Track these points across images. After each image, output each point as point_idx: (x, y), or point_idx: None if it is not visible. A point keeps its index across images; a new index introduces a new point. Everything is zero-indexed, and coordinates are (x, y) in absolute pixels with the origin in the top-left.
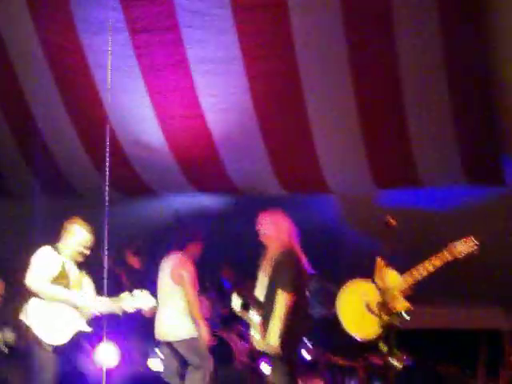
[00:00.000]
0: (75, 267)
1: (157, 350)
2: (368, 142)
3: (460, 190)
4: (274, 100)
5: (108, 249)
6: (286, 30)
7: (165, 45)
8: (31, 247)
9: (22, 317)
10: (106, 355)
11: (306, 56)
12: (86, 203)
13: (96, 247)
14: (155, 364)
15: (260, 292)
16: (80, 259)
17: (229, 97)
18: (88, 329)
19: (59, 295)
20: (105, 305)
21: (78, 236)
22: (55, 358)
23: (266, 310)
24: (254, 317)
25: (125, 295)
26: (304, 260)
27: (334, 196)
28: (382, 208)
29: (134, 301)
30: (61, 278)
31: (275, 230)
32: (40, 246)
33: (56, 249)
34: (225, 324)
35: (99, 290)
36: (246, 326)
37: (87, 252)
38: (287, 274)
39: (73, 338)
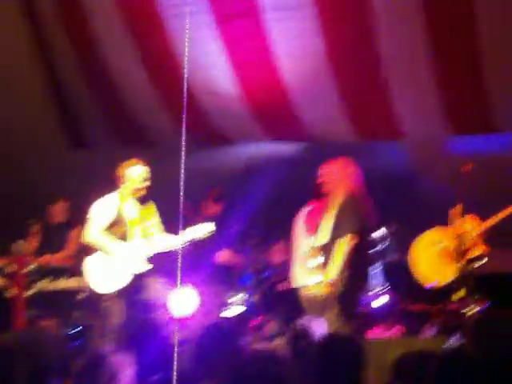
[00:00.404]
0: (137, 206)
1: None
2: (442, 88)
3: None
4: (348, 47)
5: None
6: None
7: None
8: None
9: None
10: (180, 303)
11: (381, 3)
12: (163, 152)
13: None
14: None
15: (322, 237)
16: (143, 193)
17: (302, 43)
18: (146, 267)
19: (106, 248)
20: (157, 245)
21: (132, 175)
22: (116, 306)
23: (327, 254)
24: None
25: (187, 229)
26: (369, 207)
27: (409, 143)
28: (458, 154)
29: (192, 231)
30: (117, 225)
31: (338, 178)
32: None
33: (113, 196)
34: None
35: None
36: None
37: (147, 183)
38: (350, 218)
39: (133, 282)
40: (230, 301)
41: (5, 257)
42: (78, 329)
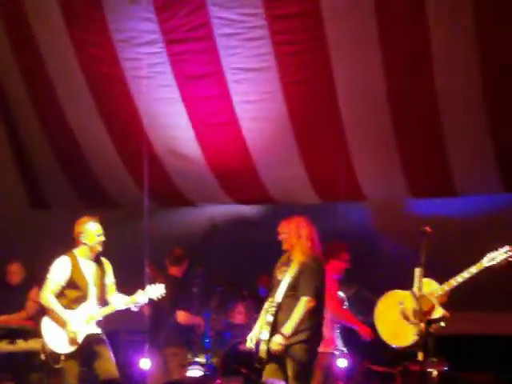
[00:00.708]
0: (94, 265)
1: None
2: (403, 151)
3: (496, 199)
4: (309, 108)
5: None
6: (320, 37)
7: (199, 53)
8: None
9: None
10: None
11: (340, 63)
12: (125, 214)
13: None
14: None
15: (279, 294)
16: (99, 249)
17: (263, 105)
18: (96, 331)
19: (56, 312)
20: (111, 306)
21: (88, 230)
22: (73, 365)
23: (279, 311)
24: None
25: (138, 291)
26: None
27: (370, 204)
28: (418, 216)
29: (146, 293)
30: (74, 283)
31: (297, 235)
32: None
33: (70, 256)
34: None
35: None
36: None
37: (102, 239)
38: (312, 279)
39: (86, 342)
40: (190, 362)
41: None
42: None
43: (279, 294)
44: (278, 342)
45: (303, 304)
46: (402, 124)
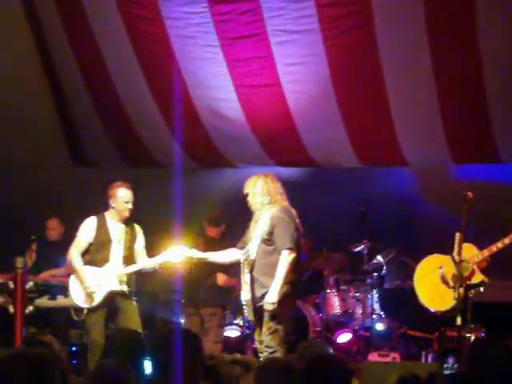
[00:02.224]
0: (123, 227)
1: None
2: (446, 116)
3: None
4: (352, 71)
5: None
6: (364, 0)
7: (243, 14)
8: None
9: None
10: None
11: (384, 27)
12: (166, 173)
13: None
14: None
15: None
16: (126, 215)
17: (306, 67)
18: (118, 288)
19: (76, 268)
20: (132, 266)
21: (118, 196)
22: (96, 320)
23: (256, 267)
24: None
25: (161, 253)
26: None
27: (411, 169)
28: (460, 182)
29: (168, 254)
30: (100, 242)
31: (264, 193)
32: None
33: (98, 217)
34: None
35: None
36: (322, 297)
37: (130, 206)
38: (287, 230)
39: (109, 299)
40: (228, 322)
41: (4, 273)
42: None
43: (253, 250)
44: (270, 302)
45: (285, 258)
46: (445, 90)
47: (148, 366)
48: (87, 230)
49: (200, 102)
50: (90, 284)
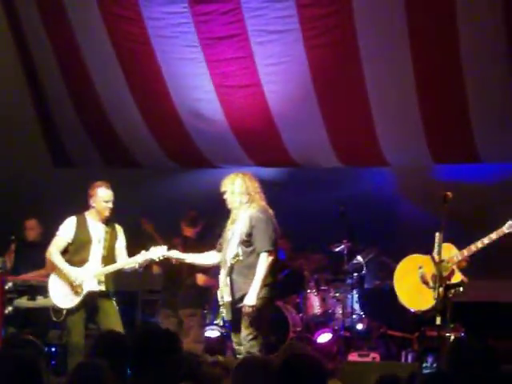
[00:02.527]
0: (103, 227)
1: None
2: (426, 117)
3: None
4: (333, 72)
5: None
6: (344, 1)
7: (223, 15)
8: None
9: None
10: None
11: (364, 26)
12: (145, 174)
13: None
14: None
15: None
16: (106, 214)
17: (287, 67)
18: (97, 288)
19: (59, 265)
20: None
21: (98, 195)
22: (76, 321)
23: (235, 268)
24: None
25: (141, 252)
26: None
27: (391, 169)
28: (440, 182)
29: (148, 254)
30: (79, 242)
31: (242, 192)
32: None
33: (78, 216)
34: (280, 294)
35: None
36: (302, 297)
37: (110, 205)
38: (266, 231)
39: (88, 299)
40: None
41: None
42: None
43: (230, 252)
44: (249, 304)
45: (264, 260)
46: (425, 90)
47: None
48: (67, 230)
49: (180, 102)
50: (77, 275)
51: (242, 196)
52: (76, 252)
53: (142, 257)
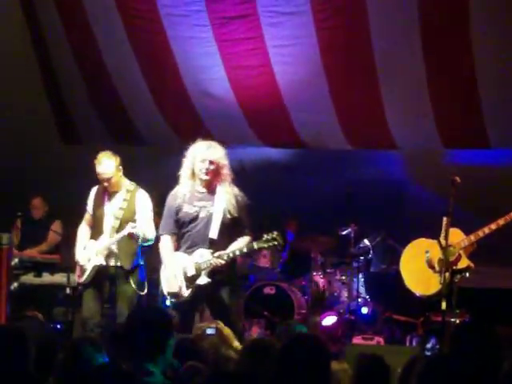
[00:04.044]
0: (120, 199)
1: None
2: (435, 101)
3: None
4: (343, 54)
5: None
6: None
7: None
8: None
9: None
10: None
11: (376, 9)
12: (153, 152)
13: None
14: None
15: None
16: (105, 185)
17: (297, 48)
18: (102, 262)
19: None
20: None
21: (96, 170)
22: (87, 297)
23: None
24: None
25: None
26: None
27: (400, 152)
28: (448, 166)
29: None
30: (95, 213)
31: (223, 166)
32: None
33: (99, 187)
34: (286, 276)
35: None
36: (308, 279)
37: (104, 183)
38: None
39: (94, 275)
40: None
41: None
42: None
43: (214, 230)
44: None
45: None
46: (435, 74)
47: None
48: (88, 202)
49: (190, 81)
50: (80, 258)
51: (223, 170)
52: (95, 225)
53: (128, 228)
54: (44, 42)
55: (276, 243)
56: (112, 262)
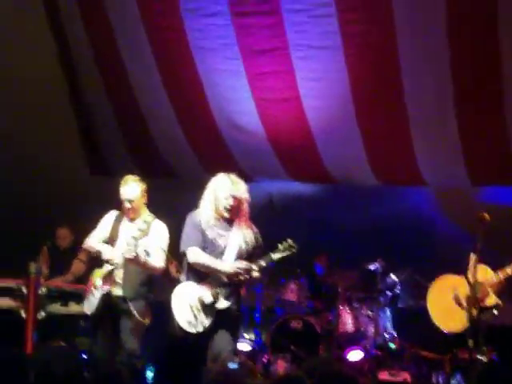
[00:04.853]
0: (134, 227)
1: None
2: (465, 138)
3: None
4: (373, 89)
5: None
6: (387, 19)
7: (266, 28)
8: None
9: None
10: None
11: (406, 44)
12: (182, 184)
13: None
14: None
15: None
16: (126, 213)
17: (327, 82)
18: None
19: (92, 247)
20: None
21: (120, 192)
22: (100, 327)
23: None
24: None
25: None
26: None
27: (430, 188)
28: (478, 203)
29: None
30: (110, 238)
31: (246, 201)
32: None
33: (119, 214)
34: (313, 310)
35: None
36: (335, 314)
37: (127, 206)
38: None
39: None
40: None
41: (18, 278)
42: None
43: (230, 257)
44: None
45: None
46: (465, 112)
47: None
48: (103, 222)
49: (219, 113)
50: (111, 254)
51: (245, 206)
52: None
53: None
54: (74, 71)
55: (294, 250)
56: (116, 291)
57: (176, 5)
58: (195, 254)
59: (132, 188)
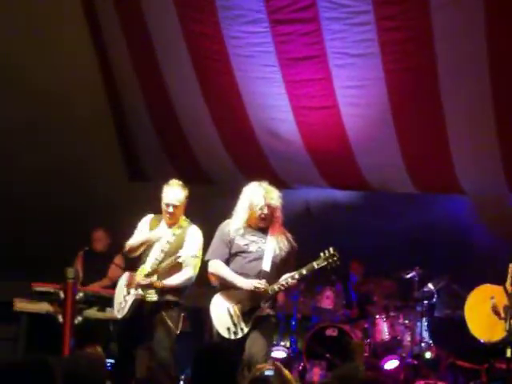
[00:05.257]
0: (170, 233)
1: None
2: (504, 145)
3: None
4: (410, 97)
5: None
6: (426, 26)
7: (304, 35)
8: None
9: None
10: None
11: (444, 54)
12: (220, 191)
13: None
14: None
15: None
16: (167, 219)
17: (365, 90)
18: (137, 295)
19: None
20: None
21: (162, 195)
22: (126, 332)
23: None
24: None
25: None
26: None
27: (467, 196)
28: None
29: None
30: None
31: (279, 208)
32: None
33: (155, 216)
34: (348, 318)
35: None
36: (371, 322)
37: (170, 210)
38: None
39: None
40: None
41: (56, 283)
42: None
43: (266, 263)
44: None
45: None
46: (504, 120)
47: None
48: (140, 225)
49: (257, 121)
50: (158, 234)
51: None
52: (142, 253)
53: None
54: (113, 78)
55: (335, 259)
56: (149, 296)
57: (214, 13)
58: (215, 267)
59: (177, 192)
